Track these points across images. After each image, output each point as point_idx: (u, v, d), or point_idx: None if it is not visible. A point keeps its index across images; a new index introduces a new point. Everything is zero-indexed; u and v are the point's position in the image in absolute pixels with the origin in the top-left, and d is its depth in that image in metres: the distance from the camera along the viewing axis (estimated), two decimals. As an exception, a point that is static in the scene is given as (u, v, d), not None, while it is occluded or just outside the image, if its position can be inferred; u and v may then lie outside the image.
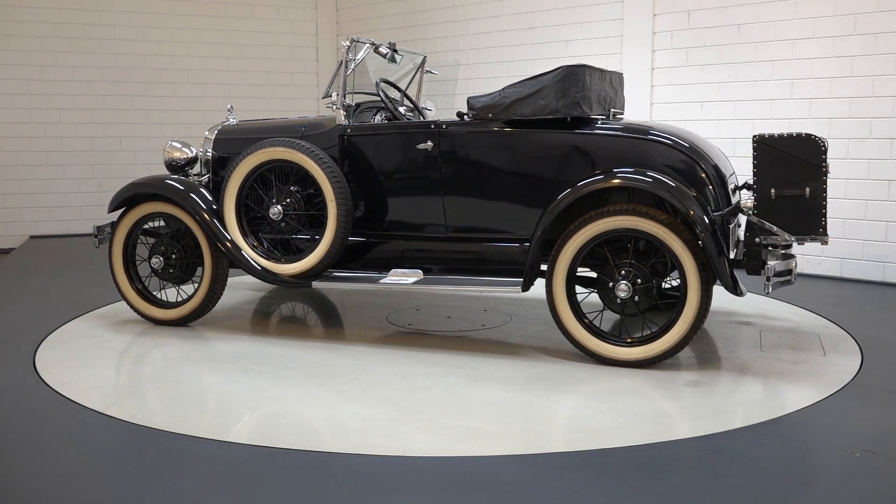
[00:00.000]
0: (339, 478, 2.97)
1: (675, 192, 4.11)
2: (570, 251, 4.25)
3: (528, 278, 4.38)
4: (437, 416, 3.60)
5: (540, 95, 4.38)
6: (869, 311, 5.49)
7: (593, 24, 7.90)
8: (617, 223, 4.15)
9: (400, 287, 4.62)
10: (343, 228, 4.69)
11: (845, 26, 6.38)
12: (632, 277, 4.20)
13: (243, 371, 4.26)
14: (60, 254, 8.18)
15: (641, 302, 4.22)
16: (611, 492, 2.83)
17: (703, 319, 4.12)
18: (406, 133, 4.79)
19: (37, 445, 3.26)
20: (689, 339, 4.13)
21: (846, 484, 2.90)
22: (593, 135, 4.40)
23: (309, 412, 3.66)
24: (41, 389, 3.96)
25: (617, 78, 4.88)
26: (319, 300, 6.06)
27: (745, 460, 3.09)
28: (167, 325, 5.16)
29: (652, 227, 4.10)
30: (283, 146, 4.78)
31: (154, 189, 5.09)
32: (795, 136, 4.05)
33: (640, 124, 4.46)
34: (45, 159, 9.18)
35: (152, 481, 2.95)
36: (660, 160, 4.24)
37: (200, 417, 3.59)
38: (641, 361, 4.20)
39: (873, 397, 3.77)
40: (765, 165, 4.10)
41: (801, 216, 4.06)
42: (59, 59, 9.14)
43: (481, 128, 4.59)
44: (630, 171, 4.23)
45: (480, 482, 2.91)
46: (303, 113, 8.62)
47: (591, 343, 4.28)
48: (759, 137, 4.09)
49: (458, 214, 4.70)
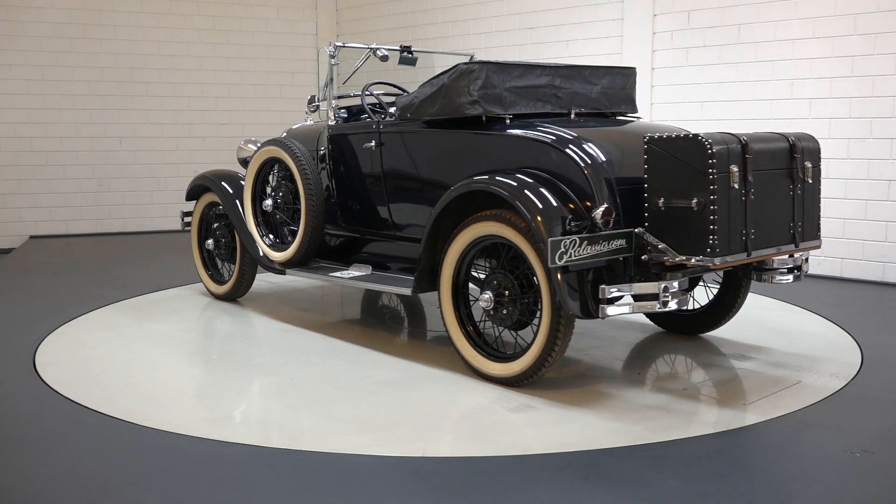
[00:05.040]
0: (339, 478, 2.97)
1: (520, 198, 3.67)
2: (452, 257, 4.05)
3: (418, 282, 4.24)
4: (466, 416, 3.60)
5: (440, 94, 4.28)
6: (869, 311, 5.48)
7: (593, 24, 7.90)
8: (485, 229, 3.88)
9: (347, 283, 4.79)
10: (313, 222, 4.96)
11: (845, 26, 6.38)
12: (496, 287, 3.89)
13: (243, 372, 4.27)
14: (60, 254, 8.18)
15: (508, 315, 3.86)
16: (611, 492, 2.82)
17: (557, 340, 3.66)
18: (357, 134, 5.01)
19: (37, 445, 3.26)
20: (544, 362, 3.72)
21: (846, 484, 2.90)
22: (490, 136, 4.15)
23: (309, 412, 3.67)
24: (41, 389, 3.96)
25: (609, 75, 4.57)
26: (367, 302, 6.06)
27: (745, 460, 3.09)
28: (219, 300, 5.90)
29: (511, 234, 3.77)
30: (274, 145, 5.20)
31: (202, 181, 5.81)
32: (682, 137, 3.50)
33: (544, 126, 4.04)
34: (45, 159, 9.18)
35: (152, 481, 2.95)
36: (548, 163, 3.86)
37: (201, 417, 3.59)
38: (501, 379, 3.90)
39: (873, 397, 3.77)
40: (655, 172, 3.56)
41: (688, 232, 3.48)
42: (59, 59, 9.14)
43: (406, 128, 4.65)
44: (486, 174, 3.94)
45: (480, 482, 2.91)
46: (302, 114, 8.62)
47: (466, 352, 4.05)
48: (649, 139, 3.58)
49: (399, 213, 4.82)
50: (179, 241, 8.98)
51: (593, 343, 4.69)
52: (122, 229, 9.56)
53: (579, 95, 4.44)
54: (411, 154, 4.66)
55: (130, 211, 9.59)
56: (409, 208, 4.76)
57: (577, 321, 4.94)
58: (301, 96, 9.07)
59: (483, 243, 3.97)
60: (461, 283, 4.11)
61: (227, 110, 9.95)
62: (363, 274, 4.82)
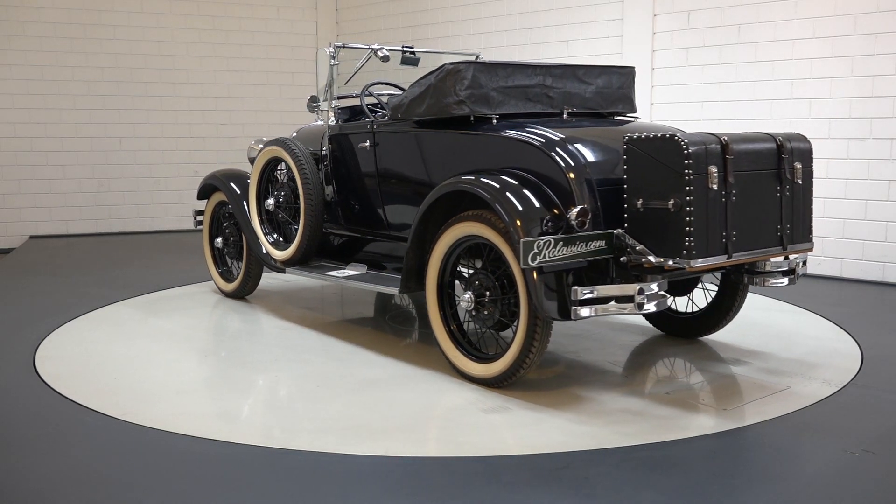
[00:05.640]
0: (339, 478, 2.97)
1: (498, 198, 3.63)
2: (437, 257, 4.04)
3: (405, 281, 4.23)
4: (439, 417, 3.60)
5: (427, 94, 4.27)
6: (869, 311, 5.48)
7: (593, 24, 7.90)
8: (468, 230, 3.86)
9: (341, 282, 4.82)
10: (311, 221, 5.01)
11: (845, 26, 6.38)
12: (477, 288, 3.87)
13: (230, 369, 4.27)
14: (60, 254, 8.18)
15: (490, 316, 3.84)
16: (611, 492, 2.82)
17: (534, 341, 3.63)
18: (354, 134, 5.03)
19: (37, 445, 3.26)
20: (522, 363, 3.69)
21: (846, 484, 2.90)
22: (475, 136, 4.13)
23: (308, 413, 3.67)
24: (41, 389, 3.96)
25: (605, 74, 4.54)
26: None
27: (745, 460, 3.09)
28: (228, 297, 5.99)
29: (491, 234, 3.74)
30: (276, 145, 5.25)
31: (212, 181, 5.89)
32: (660, 137, 3.44)
33: (530, 126, 3.99)
34: (45, 159, 9.18)
35: (152, 481, 2.95)
36: (530, 164, 3.82)
37: (201, 417, 3.59)
38: (482, 379, 3.89)
39: (873, 397, 3.77)
40: (634, 172, 3.52)
41: (666, 233, 3.42)
42: (59, 59, 9.14)
43: (398, 128, 4.65)
44: (472, 174, 3.91)
45: (480, 482, 2.91)
46: (304, 114, 8.63)
47: (449, 352, 4.04)
48: (628, 139, 3.54)
49: (393, 213, 4.84)
50: (179, 240, 8.99)
51: (589, 345, 4.67)
52: (122, 229, 9.56)
53: (573, 95, 4.40)
54: (403, 154, 4.68)
55: (130, 211, 9.59)
56: (401, 208, 4.77)
57: (574, 323, 5.00)
58: (301, 96, 9.06)
59: (467, 243, 3.95)
60: (446, 282, 4.09)
61: (227, 110, 9.95)
62: (357, 273, 4.84)
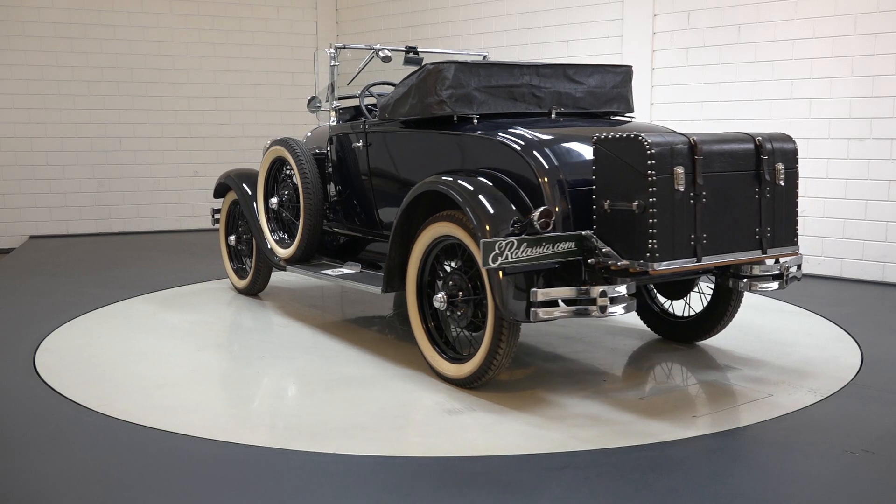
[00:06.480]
0: (339, 478, 2.97)
1: (466, 199, 3.61)
2: (416, 256, 4.03)
3: (388, 280, 4.22)
4: (439, 417, 3.60)
5: (410, 95, 4.28)
6: (869, 311, 5.48)
7: (593, 24, 7.90)
8: (443, 230, 3.84)
9: (334, 280, 4.85)
10: (311, 220, 5.08)
11: (845, 26, 6.38)
12: (451, 288, 3.83)
13: (246, 370, 4.27)
14: (60, 254, 8.18)
15: (463, 316, 3.81)
16: (611, 492, 2.82)
17: (501, 343, 3.60)
18: (350, 134, 5.08)
19: (37, 445, 3.26)
20: (490, 365, 3.67)
21: (846, 484, 2.90)
22: (455, 136, 4.14)
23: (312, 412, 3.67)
24: (41, 389, 3.96)
25: (598, 73, 4.47)
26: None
27: (745, 460, 3.09)
28: (241, 294, 6.10)
29: (462, 235, 3.71)
30: (279, 145, 5.34)
31: (225, 180, 5.98)
32: (625, 137, 3.37)
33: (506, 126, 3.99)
34: (45, 159, 9.18)
35: (152, 481, 2.95)
36: (505, 164, 3.81)
37: (201, 417, 3.59)
38: (454, 380, 3.88)
39: (873, 397, 3.76)
40: (601, 173, 3.46)
41: (631, 236, 3.35)
42: (59, 59, 9.14)
43: (386, 128, 4.69)
44: (451, 174, 3.88)
45: (480, 482, 2.91)
46: (304, 114, 8.65)
47: (426, 351, 4.03)
48: (596, 139, 3.47)
49: (384, 212, 4.87)
50: (180, 240, 9.00)
51: (580, 347, 4.63)
52: (122, 229, 9.56)
53: (562, 95, 4.34)
54: (391, 154, 4.73)
55: (130, 211, 9.59)
56: (391, 208, 4.78)
57: (570, 326, 5.00)
58: (301, 96, 9.08)
59: (443, 244, 3.94)
60: (426, 281, 4.07)
61: (227, 110, 9.95)
62: (349, 272, 4.88)
